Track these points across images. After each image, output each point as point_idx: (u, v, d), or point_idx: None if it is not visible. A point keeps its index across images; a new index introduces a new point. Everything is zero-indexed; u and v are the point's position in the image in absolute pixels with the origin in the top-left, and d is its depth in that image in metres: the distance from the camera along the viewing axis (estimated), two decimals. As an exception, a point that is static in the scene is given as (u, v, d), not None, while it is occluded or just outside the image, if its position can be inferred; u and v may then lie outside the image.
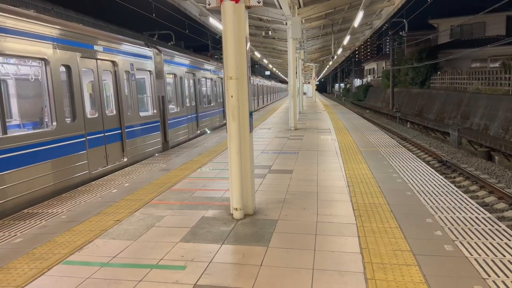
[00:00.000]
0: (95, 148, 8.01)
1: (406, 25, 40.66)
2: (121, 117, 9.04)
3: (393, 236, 4.30)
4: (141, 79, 10.67)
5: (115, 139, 8.83)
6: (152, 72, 10.84)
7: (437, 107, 27.22)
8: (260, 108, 33.51)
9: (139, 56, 10.06)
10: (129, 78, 9.48)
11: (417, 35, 40.31)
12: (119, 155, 8.97)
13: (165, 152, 10.62)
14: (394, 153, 9.35)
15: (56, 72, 6.90)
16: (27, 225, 5.00)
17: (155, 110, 10.94)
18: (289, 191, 6.30)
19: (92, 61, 8.10)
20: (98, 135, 8.15)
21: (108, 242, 4.37)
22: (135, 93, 9.76)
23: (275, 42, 25.22)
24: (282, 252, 3.99)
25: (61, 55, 7.08)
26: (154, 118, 10.83)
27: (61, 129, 7.02)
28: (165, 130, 11.63)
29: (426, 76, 33.46)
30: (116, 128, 8.85)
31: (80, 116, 7.56)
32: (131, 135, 9.43)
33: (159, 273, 3.62)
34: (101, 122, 8.31)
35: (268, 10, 14.79)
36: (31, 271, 3.72)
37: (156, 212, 5.39)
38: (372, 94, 55.11)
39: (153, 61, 10.88)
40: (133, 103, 9.67)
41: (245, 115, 5.13)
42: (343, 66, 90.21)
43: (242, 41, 5.01)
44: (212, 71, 17.82)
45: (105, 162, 8.36)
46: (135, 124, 9.69)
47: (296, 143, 11.50)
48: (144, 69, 10.44)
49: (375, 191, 6.13)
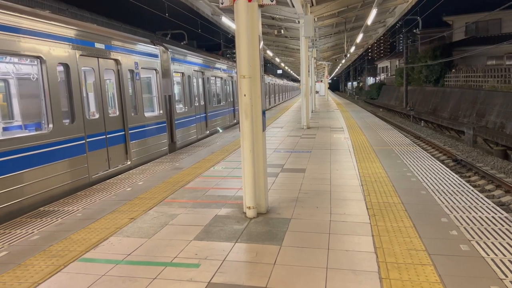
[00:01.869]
0: (96, 151, 7.63)
1: (420, 22, 40.20)
2: (124, 118, 8.67)
3: (407, 236, 4.26)
4: (146, 78, 10.36)
5: (118, 141, 8.45)
6: (158, 71, 10.48)
7: (451, 105, 26.88)
8: (272, 107, 33.47)
9: (144, 54, 9.69)
10: (133, 77, 9.14)
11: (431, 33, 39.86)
12: (123, 158, 8.61)
13: (172, 154, 10.29)
14: (408, 151, 9.26)
15: (52, 71, 6.53)
16: (43, 223, 5.08)
17: (161, 110, 10.53)
18: (302, 190, 6.29)
19: (93, 59, 7.74)
20: (99, 137, 7.78)
21: (123, 240, 4.42)
22: (140, 93, 9.39)
23: (288, 41, 25.17)
24: (296, 251, 3.98)
25: (58, 53, 6.71)
26: (160, 119, 10.43)
27: (58, 132, 6.63)
28: (172, 130, 11.27)
29: (440, 74, 33.07)
30: (119, 129, 8.49)
31: (80, 117, 7.19)
32: (135, 137, 9.05)
33: (173, 271, 3.64)
34: (103, 124, 7.94)
35: (281, 8, 14.76)
36: (48, 268, 3.78)
37: (170, 210, 5.43)
38: (385, 92, 54.66)
39: (159, 59, 10.53)
40: (137, 103, 9.27)
41: (258, 114, 5.13)
42: (356, 64, 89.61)
43: (255, 40, 5.01)
44: (222, 70, 17.41)
45: (107, 166, 7.99)
46: (140, 125, 9.31)
47: (309, 142, 11.46)
48: (150, 67, 10.10)
49: (389, 190, 6.08)
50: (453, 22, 40.42)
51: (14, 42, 5.84)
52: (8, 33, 5.75)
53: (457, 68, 30.46)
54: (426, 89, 34.88)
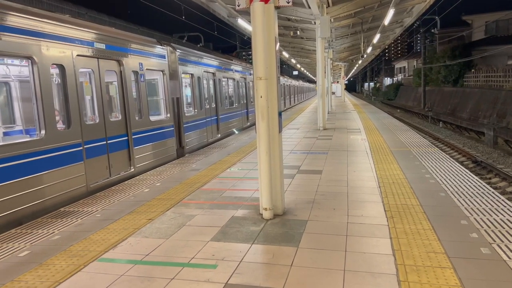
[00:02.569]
0: (95, 158, 7.14)
1: (438, 22, 39.67)
2: (127, 122, 8.16)
3: (426, 238, 4.21)
4: (152, 80, 9.94)
5: (121, 147, 7.96)
6: (165, 72, 9.96)
7: (471, 105, 26.43)
8: (288, 108, 33.41)
9: (149, 55, 9.18)
10: (137, 79, 8.62)
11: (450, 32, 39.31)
12: (125, 165, 8.12)
13: (180, 159, 9.80)
14: (426, 153, 9.14)
15: (44, 73, 6.03)
16: (64, 223, 5.18)
17: (168, 114, 10.00)
18: (318, 191, 6.26)
19: (92, 60, 7.24)
20: (99, 143, 7.28)
21: (141, 241, 4.47)
22: (145, 96, 8.88)
23: (304, 42, 25.13)
24: (313, 253, 3.97)
25: (52, 53, 6.21)
26: (167, 123, 9.91)
27: (51, 138, 6.12)
28: (181, 135, 10.76)
29: (459, 74, 32.57)
30: (121, 134, 7.99)
31: (76, 122, 6.68)
32: (139, 142, 8.56)
33: (191, 272, 3.67)
34: (103, 129, 7.44)
35: (297, 10, 14.75)
36: (68, 267, 3.85)
37: (187, 211, 5.47)
38: (403, 93, 54.07)
39: (166, 60, 10.03)
40: (142, 107, 8.76)
41: (274, 115, 5.13)
42: (372, 65, 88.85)
43: (271, 41, 5.02)
44: (235, 71, 16.94)
45: (108, 173, 7.50)
46: (145, 129, 8.80)
47: (325, 143, 11.41)
48: (156, 69, 9.57)
49: (407, 192, 6.01)
50: (472, 21, 39.79)
51: None
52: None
53: (476, 68, 29.95)
54: (444, 89, 34.37)
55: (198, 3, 12.95)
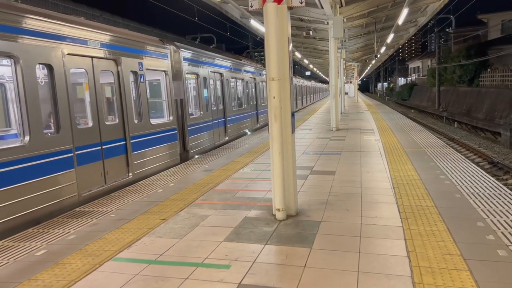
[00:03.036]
0: (88, 164, 6.67)
1: (453, 21, 39.18)
2: (125, 126, 7.68)
3: (441, 240, 4.16)
4: (153, 80, 9.50)
5: (118, 152, 7.48)
6: (168, 73, 9.40)
7: (486, 105, 26.03)
8: (300, 109, 33.33)
9: (150, 54, 8.66)
10: (137, 79, 8.12)
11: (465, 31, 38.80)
12: (123, 171, 7.64)
13: (184, 164, 9.38)
14: (441, 154, 9.03)
15: (29, 73, 5.54)
16: (79, 223, 5.25)
17: (171, 116, 9.47)
18: (332, 192, 6.24)
19: (85, 59, 6.75)
20: (93, 149, 6.81)
21: (155, 240, 4.51)
22: (145, 97, 8.37)
23: (316, 42, 25.05)
24: (326, 254, 3.96)
25: (38, 52, 5.73)
26: (170, 126, 9.39)
27: (36, 144, 5.63)
28: (185, 138, 10.28)
29: (474, 74, 32.12)
30: (118, 139, 7.51)
31: (66, 126, 6.20)
32: (138, 147, 8.07)
33: (204, 272, 3.69)
34: (98, 133, 6.97)
35: (309, 10, 14.71)
36: (84, 267, 3.90)
37: (200, 212, 5.50)
38: (417, 93, 53.54)
39: (169, 60, 9.50)
40: (142, 109, 8.27)
41: (287, 116, 5.13)
42: (386, 65, 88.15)
43: (284, 42, 5.02)
44: (244, 71, 16.38)
45: (103, 181, 7.02)
46: (145, 133, 8.29)
47: (338, 144, 11.35)
48: (158, 69, 9.06)
49: (421, 193, 5.95)
50: (488, 20, 39.20)
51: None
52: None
53: (493, 67, 29.49)
54: (459, 89, 33.93)
55: (211, 4, 13.01)
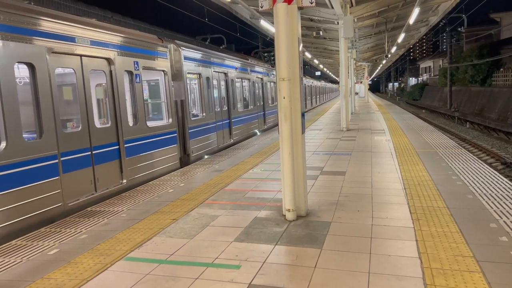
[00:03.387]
0: (76, 171, 6.18)
1: (465, 20, 38.77)
2: (118, 129, 7.19)
3: (453, 241, 4.12)
4: (151, 81, 9.17)
5: (110, 157, 7.00)
6: (167, 72, 8.93)
7: (499, 105, 25.70)
8: (310, 109, 33.24)
9: (147, 53, 8.19)
10: (132, 79, 7.67)
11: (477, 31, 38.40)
12: (116, 178, 7.15)
13: (185, 168, 8.95)
14: (453, 154, 8.94)
15: (6, 73, 5.11)
16: (91, 223, 5.30)
17: (170, 118, 8.99)
18: (342, 193, 6.21)
19: (73, 58, 6.26)
20: (81, 154, 6.32)
21: (166, 240, 4.53)
22: (141, 99, 7.88)
23: (326, 42, 24.96)
24: (337, 255, 3.94)
25: (16, 49, 5.28)
26: (168, 128, 8.89)
27: (14, 151, 5.14)
28: (185, 141, 9.82)
29: (487, 74, 31.75)
30: (111, 143, 7.04)
31: (50, 131, 5.73)
32: (133, 151, 7.56)
33: (215, 272, 3.70)
34: (87, 137, 6.48)
35: (320, 10, 14.67)
36: (96, 266, 3.93)
37: (210, 212, 5.52)
38: (428, 93, 53.11)
39: (168, 58, 9.03)
40: (137, 111, 7.77)
41: (297, 116, 5.12)
42: (397, 65, 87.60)
43: (294, 42, 5.01)
44: (250, 71, 15.88)
45: (93, 188, 6.54)
46: (140, 136, 7.79)
47: (349, 144, 11.30)
48: (156, 68, 8.58)
49: (433, 194, 5.90)
50: (501, 19, 38.72)
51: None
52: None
53: (506, 67, 29.12)
54: (471, 89, 33.57)
55: (221, 5, 13.04)
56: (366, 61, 39.20)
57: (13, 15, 5.27)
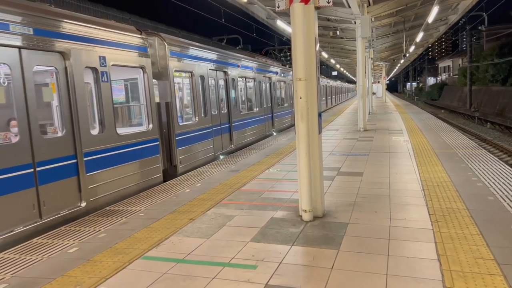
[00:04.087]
0: (10, 195, 4.93)
1: (486, 18, 38.04)
2: (76, 139, 5.95)
3: (474, 243, 4.04)
4: (125, 80, 8.02)
5: (63, 174, 5.72)
6: (146, 70, 7.58)
7: (521, 105, 25.15)
8: (326, 109, 33.05)
9: (119, 46, 6.87)
10: (97, 78, 6.46)
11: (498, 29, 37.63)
12: (71, 199, 5.85)
13: (171, 182, 7.66)
14: (473, 155, 8.78)
15: None
16: (109, 222, 5.37)
17: (150, 124, 7.61)
18: (359, 194, 6.16)
19: (7, 50, 5.02)
20: (18, 173, 5.05)
21: (183, 240, 4.56)
22: (109, 101, 6.57)
23: (343, 42, 24.81)
24: (354, 256, 3.91)
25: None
26: (148, 136, 7.52)
27: None
28: (171, 150, 8.49)
29: (508, 73, 31.09)
30: (64, 157, 5.76)
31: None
32: (96, 166, 6.27)
33: (231, 271, 3.71)
34: (29, 151, 5.21)
35: (337, 9, 14.59)
36: (114, 264, 3.99)
37: (227, 212, 5.54)
38: (447, 93, 52.31)
39: (149, 53, 7.72)
40: (103, 116, 6.51)
41: (314, 116, 5.10)
42: (415, 64, 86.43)
43: (311, 42, 4.99)
44: (256, 70, 14.54)
45: (36, 215, 5.27)
46: (107, 147, 6.47)
47: (366, 145, 11.20)
48: (132, 65, 7.26)
49: (452, 195, 5.80)
50: (523, 17, 37.81)
51: None
52: None
53: (527, 66, 28.49)
54: (492, 89, 32.92)
55: (237, 5, 13.08)
56: (383, 61, 38.79)
57: None
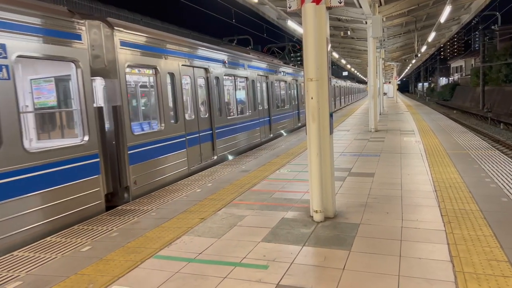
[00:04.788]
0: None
1: (499, 18, 37.56)
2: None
3: (487, 245, 4.00)
4: (45, 78, 6.61)
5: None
6: (79, 64, 5.88)
7: (536, 106, 24.79)
8: (337, 110, 32.92)
9: (34, 31, 5.21)
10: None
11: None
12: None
13: (119, 209, 6.09)
14: (486, 156, 8.68)
15: None
16: (121, 221, 5.42)
17: (86, 136, 5.94)
18: (371, 194, 6.13)
19: None
20: None
21: (194, 239, 4.59)
22: (11, 106, 4.80)
23: (354, 42, 24.70)
24: (365, 257, 3.89)
25: None
26: (81, 151, 5.82)
27: None
28: (121, 168, 6.69)
29: (522, 73, 30.69)
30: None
31: None
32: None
33: (243, 271, 3.72)
34: None
35: (348, 10, 14.54)
36: (127, 263, 4.02)
37: (238, 212, 5.55)
38: (459, 93, 51.77)
39: (85, 42, 6.04)
40: (1, 127, 4.71)
41: (325, 117, 5.09)
42: (426, 64, 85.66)
43: (322, 42, 4.99)
44: (249, 67, 12.73)
45: None
46: (12, 169, 4.78)
47: (377, 145, 11.13)
48: (55, 55, 5.54)
49: (465, 196, 5.74)
50: (537, 16, 37.32)
51: None
52: None
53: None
54: (505, 89, 32.49)
55: (248, 6, 13.10)
56: (395, 61, 38.52)
57: None
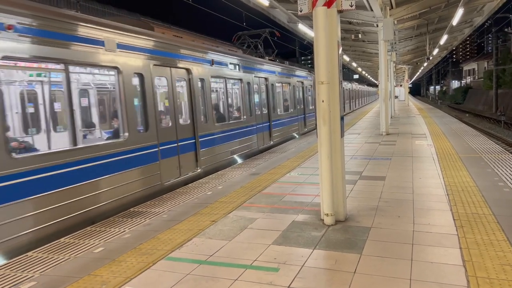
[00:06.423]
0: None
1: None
2: None
3: (500, 250, 3.96)
4: None
5: None
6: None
7: (550, 109, 24.43)
8: (348, 113, 32.79)
9: None
10: None
11: (526, 31, 36.67)
12: None
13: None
14: (499, 160, 8.58)
15: None
16: (133, 223, 5.47)
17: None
18: (382, 198, 6.10)
19: None
20: None
21: (205, 241, 4.61)
22: None
23: (365, 45, 24.61)
24: (377, 261, 3.88)
25: None
26: None
27: None
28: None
29: (536, 76, 30.29)
30: None
31: None
32: None
33: (253, 274, 3.73)
34: None
35: (359, 13, 14.50)
36: (138, 265, 4.06)
37: (248, 215, 5.56)
38: (472, 96, 51.26)
39: None
40: None
41: (336, 120, 5.09)
42: (438, 67, 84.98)
43: (333, 45, 4.99)
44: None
45: None
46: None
47: (388, 149, 11.07)
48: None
49: (478, 200, 5.69)
50: (551, 18, 36.82)
51: None
52: None
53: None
54: (519, 92, 32.06)
55: (259, 9, 13.15)
56: (406, 64, 38.30)
57: None
